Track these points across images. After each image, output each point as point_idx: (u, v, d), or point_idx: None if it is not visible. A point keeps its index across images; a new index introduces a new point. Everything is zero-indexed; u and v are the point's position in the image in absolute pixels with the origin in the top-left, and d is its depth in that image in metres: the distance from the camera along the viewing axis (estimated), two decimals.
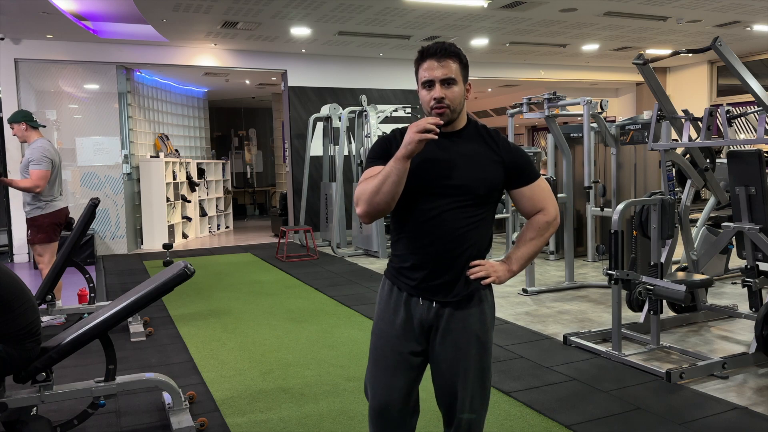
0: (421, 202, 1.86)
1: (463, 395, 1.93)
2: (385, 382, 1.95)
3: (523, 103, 6.54)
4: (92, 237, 8.46)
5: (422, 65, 1.86)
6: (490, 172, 1.90)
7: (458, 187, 1.85)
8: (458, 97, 1.85)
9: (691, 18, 8.21)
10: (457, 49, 1.86)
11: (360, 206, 1.83)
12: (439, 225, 1.86)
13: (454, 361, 1.92)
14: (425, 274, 1.89)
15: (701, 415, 3.08)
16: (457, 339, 1.91)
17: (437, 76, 1.82)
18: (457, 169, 1.86)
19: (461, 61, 1.87)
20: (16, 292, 2.61)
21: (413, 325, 1.93)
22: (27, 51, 8.52)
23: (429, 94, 1.85)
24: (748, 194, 4.12)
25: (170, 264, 3.78)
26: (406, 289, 1.93)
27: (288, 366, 3.99)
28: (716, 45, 3.84)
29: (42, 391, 2.77)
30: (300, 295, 6.10)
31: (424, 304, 1.92)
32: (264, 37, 8.76)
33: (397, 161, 1.75)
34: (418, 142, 1.72)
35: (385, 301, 1.98)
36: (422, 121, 1.73)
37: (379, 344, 1.97)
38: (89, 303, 5.07)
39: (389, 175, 1.76)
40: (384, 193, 1.77)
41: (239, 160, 15.42)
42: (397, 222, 1.94)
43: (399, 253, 1.95)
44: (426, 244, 1.88)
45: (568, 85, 12.49)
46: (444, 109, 1.83)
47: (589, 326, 4.72)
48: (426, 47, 1.86)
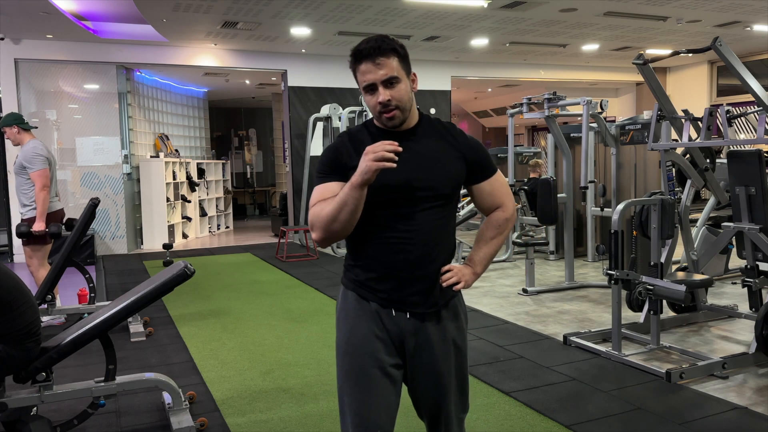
0: (385, 210, 1.72)
1: (448, 406, 1.86)
2: (366, 403, 1.76)
3: (523, 103, 6.54)
4: (92, 237, 8.47)
5: (359, 69, 1.70)
6: (453, 168, 1.78)
7: (423, 189, 1.72)
8: (405, 95, 1.72)
9: (691, 18, 8.21)
10: (392, 43, 1.70)
11: (316, 233, 1.70)
12: (408, 232, 1.72)
13: (437, 374, 1.82)
14: (396, 285, 1.75)
15: (701, 415, 3.08)
16: (438, 350, 1.81)
17: (378, 79, 1.67)
18: (419, 170, 1.73)
19: (400, 55, 1.71)
20: (16, 292, 2.61)
21: (390, 338, 1.78)
22: (27, 51, 8.52)
23: (374, 99, 1.69)
24: (748, 194, 4.12)
25: (170, 264, 3.78)
26: (376, 301, 1.77)
27: (288, 366, 3.99)
28: (716, 45, 3.84)
29: (42, 391, 2.77)
30: (300, 295, 6.10)
31: (398, 316, 1.77)
32: (264, 37, 8.76)
33: (353, 189, 1.60)
34: (375, 171, 1.58)
35: (353, 315, 1.80)
36: (378, 146, 1.58)
37: (356, 363, 1.77)
38: (89, 303, 5.07)
39: (345, 204, 1.62)
40: (341, 221, 1.65)
41: (239, 160, 15.42)
42: (359, 231, 1.74)
43: (362, 263, 1.79)
44: (394, 253, 1.72)
45: (568, 85, 12.49)
46: (393, 111, 1.70)
47: (589, 326, 4.72)
48: (358, 48, 1.70)
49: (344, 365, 1.81)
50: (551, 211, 5.88)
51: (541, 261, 7.59)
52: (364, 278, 1.78)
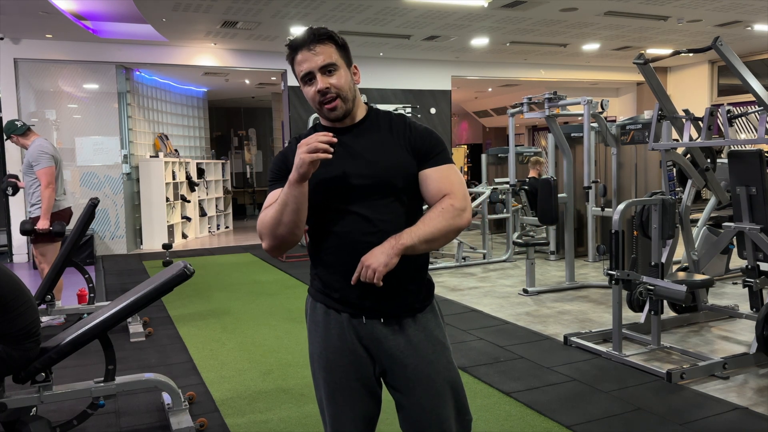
0: (338, 212, 1.64)
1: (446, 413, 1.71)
2: (346, 416, 1.71)
3: (524, 102, 6.53)
4: (92, 237, 8.46)
5: (296, 59, 1.64)
6: (402, 158, 1.67)
7: (373, 185, 1.63)
8: (346, 83, 1.64)
9: (691, 18, 8.21)
10: (329, 32, 1.64)
11: (264, 241, 1.63)
12: (367, 232, 1.62)
13: (427, 377, 1.69)
14: (362, 291, 1.63)
15: (702, 416, 3.07)
16: (424, 351, 1.69)
17: (315, 66, 1.61)
18: (368, 165, 1.64)
19: (337, 43, 1.65)
20: (15, 292, 2.61)
21: (366, 348, 1.69)
22: (26, 51, 8.51)
23: (312, 89, 1.63)
24: (748, 194, 4.12)
25: (170, 264, 3.77)
26: (345, 310, 1.68)
27: (288, 366, 3.98)
28: (717, 45, 3.83)
29: (41, 392, 2.77)
30: (300, 295, 6.09)
31: (369, 323, 1.67)
32: (264, 36, 8.75)
33: (291, 187, 1.54)
34: (310, 164, 1.51)
35: (323, 327, 1.71)
36: (312, 138, 1.51)
37: (331, 378, 1.71)
38: (89, 303, 5.06)
39: (286, 204, 1.56)
40: (285, 224, 1.57)
41: (239, 160, 15.41)
42: (316, 237, 1.69)
43: (324, 272, 1.70)
44: (351, 257, 1.60)
45: (568, 84, 12.48)
46: (335, 100, 1.62)
47: (589, 326, 4.72)
48: (293, 39, 1.65)
49: (319, 379, 1.76)
50: (552, 211, 5.88)
51: (542, 261, 7.59)
52: (329, 288, 1.70)
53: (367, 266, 1.55)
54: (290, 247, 1.64)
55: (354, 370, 1.70)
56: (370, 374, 1.72)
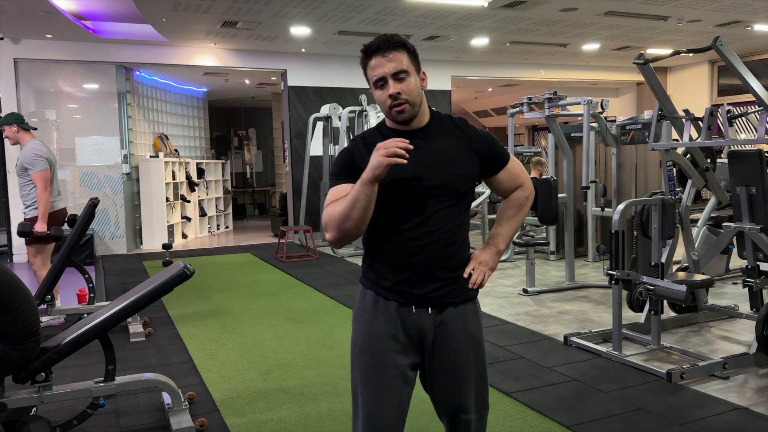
0: (400, 211, 1.74)
1: (467, 403, 1.85)
2: (379, 401, 1.79)
3: (524, 102, 6.54)
4: (92, 237, 8.46)
5: (369, 64, 1.73)
6: (467, 165, 1.79)
7: (438, 187, 1.74)
8: (415, 90, 1.73)
9: (691, 18, 8.21)
10: (402, 39, 1.75)
11: (329, 232, 1.71)
12: (423, 231, 1.73)
13: (456, 368, 1.82)
14: (416, 283, 1.77)
15: (702, 416, 3.07)
16: (457, 344, 1.81)
17: (387, 72, 1.70)
18: (433, 168, 1.74)
19: (409, 51, 1.75)
20: (15, 292, 2.61)
21: (409, 336, 1.79)
22: (26, 51, 8.51)
23: (384, 93, 1.72)
24: (748, 194, 4.12)
25: (170, 264, 3.77)
26: (395, 299, 1.79)
27: (288, 366, 3.98)
28: (717, 45, 3.83)
29: (41, 392, 2.77)
30: (300, 295, 6.09)
31: (417, 312, 1.78)
32: (264, 36, 8.75)
33: (364, 185, 1.62)
34: (386, 167, 1.60)
35: (370, 314, 1.82)
36: (390, 143, 1.60)
37: (372, 362, 1.80)
38: (88, 303, 5.07)
39: (357, 201, 1.64)
40: (353, 219, 1.66)
41: (239, 160, 15.41)
42: (375, 232, 1.78)
43: (379, 264, 1.80)
44: (411, 253, 1.74)
45: (568, 84, 12.48)
46: (403, 105, 1.71)
47: (589, 326, 4.72)
48: (368, 44, 1.73)
49: (359, 363, 1.84)
50: (552, 211, 5.88)
51: (542, 261, 7.59)
52: (384, 279, 1.80)
53: (485, 266, 1.84)
54: (353, 240, 1.74)
55: (393, 357, 1.79)
56: (408, 362, 1.81)
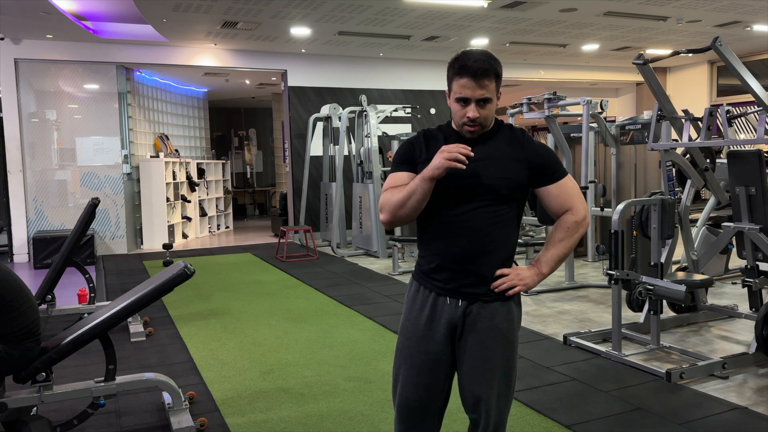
0: (445, 205, 1.87)
1: (488, 395, 1.91)
2: (410, 380, 1.94)
3: (523, 103, 6.54)
4: (92, 237, 8.46)
5: (459, 81, 1.81)
6: (512, 170, 1.88)
7: (481, 186, 1.85)
8: (491, 115, 1.86)
9: (691, 18, 8.21)
10: (497, 67, 1.83)
11: (384, 214, 1.87)
12: (463, 226, 1.86)
13: (480, 360, 1.90)
14: (451, 275, 1.89)
15: (701, 415, 3.08)
16: (483, 337, 1.90)
17: (475, 97, 1.80)
18: (482, 170, 1.85)
19: (497, 78, 1.84)
20: (15, 292, 2.61)
21: (440, 325, 1.91)
22: (27, 51, 8.52)
23: (463, 110, 1.83)
24: (748, 194, 4.12)
25: (170, 264, 3.78)
26: (434, 290, 1.93)
27: (288, 366, 3.99)
28: (716, 45, 3.83)
29: (42, 391, 2.77)
30: (300, 295, 6.10)
31: (451, 303, 1.91)
32: (264, 37, 8.76)
33: (424, 181, 1.78)
34: (446, 169, 1.75)
35: (411, 301, 1.98)
36: (453, 147, 1.75)
37: (406, 344, 1.96)
38: (89, 303, 5.07)
39: (414, 193, 1.80)
40: (408, 208, 1.82)
41: (239, 160, 15.41)
42: (423, 224, 1.94)
43: (424, 254, 1.96)
44: (450, 245, 1.88)
45: (568, 85, 12.48)
46: (476, 127, 1.85)
47: (589, 326, 4.72)
48: (465, 62, 1.80)
49: (398, 345, 2.00)
50: None
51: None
52: (426, 269, 1.94)
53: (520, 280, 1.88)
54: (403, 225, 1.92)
55: (427, 343, 1.92)
56: (441, 350, 1.92)
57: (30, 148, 8.68)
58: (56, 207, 8.85)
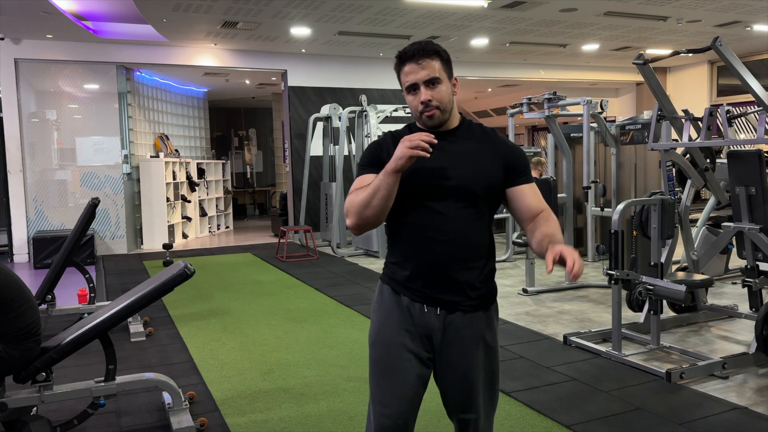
0: (418, 207, 1.78)
1: (475, 405, 1.86)
2: (397, 393, 1.83)
3: (524, 103, 6.54)
4: (92, 237, 8.46)
5: (403, 69, 1.79)
6: (488, 169, 1.81)
7: (456, 187, 1.77)
8: (446, 96, 1.78)
9: (691, 18, 8.21)
10: (436, 47, 1.78)
11: (350, 218, 1.77)
12: (439, 229, 1.77)
13: (465, 369, 1.84)
14: (428, 282, 1.80)
15: (701, 415, 3.08)
16: (466, 346, 1.83)
17: (420, 79, 1.75)
18: (454, 168, 1.78)
19: (442, 58, 1.78)
20: (15, 292, 2.61)
21: (419, 333, 1.83)
22: (27, 51, 8.52)
23: (416, 99, 1.78)
24: (748, 194, 4.12)
25: (170, 264, 3.78)
26: (409, 296, 1.83)
27: (288, 366, 3.99)
28: (716, 45, 3.84)
29: (42, 391, 2.77)
30: (300, 295, 6.10)
31: (429, 311, 1.82)
32: (264, 37, 8.76)
33: (387, 175, 1.69)
34: (409, 158, 1.65)
35: (387, 309, 1.87)
36: (416, 136, 1.66)
37: (386, 354, 1.84)
38: (89, 303, 5.07)
39: (378, 189, 1.70)
40: (374, 206, 1.71)
41: (239, 160, 15.41)
42: (394, 228, 1.85)
43: (397, 260, 1.86)
44: (426, 251, 1.79)
45: (568, 85, 12.48)
46: (433, 111, 1.77)
47: (589, 326, 4.72)
48: (403, 50, 1.79)
49: (374, 354, 1.88)
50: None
51: (541, 261, 7.56)
52: (399, 275, 1.85)
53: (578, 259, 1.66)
54: (371, 229, 1.78)
55: (406, 350, 1.83)
56: (420, 357, 1.84)
57: (30, 148, 8.68)
58: (56, 207, 8.85)
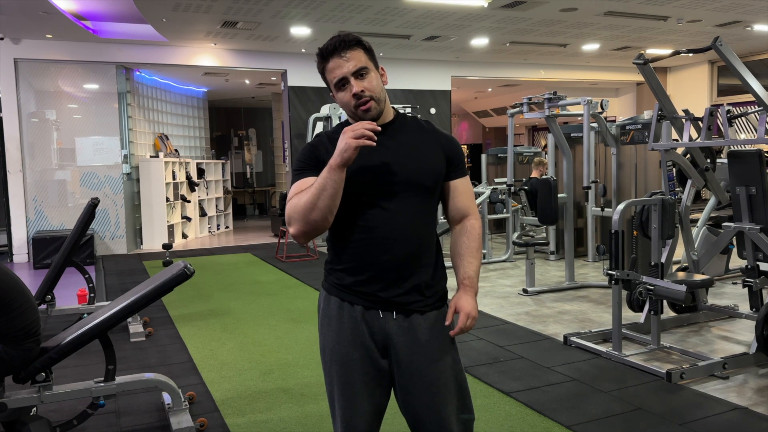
0: (367, 206, 1.68)
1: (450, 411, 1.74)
2: (355, 409, 1.73)
3: (524, 102, 6.54)
4: (92, 237, 8.46)
5: (327, 66, 1.69)
6: (433, 159, 1.74)
7: (403, 182, 1.69)
8: (378, 86, 1.69)
9: (691, 18, 8.21)
10: (356, 37, 1.70)
11: (294, 226, 1.64)
12: (393, 228, 1.68)
13: (434, 376, 1.72)
14: (382, 286, 1.69)
15: (702, 416, 3.07)
16: (430, 350, 1.73)
17: (348, 71, 1.66)
18: (398, 162, 1.69)
19: (365, 48, 1.70)
20: (15, 292, 2.61)
21: (375, 342, 1.72)
22: (27, 51, 8.52)
23: (347, 93, 1.67)
24: (748, 194, 4.12)
25: (170, 264, 3.77)
26: (362, 303, 1.72)
27: (288, 366, 3.99)
28: (717, 45, 3.83)
29: (42, 392, 2.77)
30: (300, 295, 6.10)
31: (384, 317, 1.72)
32: (264, 36, 8.75)
33: (332, 171, 1.57)
34: (355, 149, 1.55)
35: (337, 320, 1.74)
36: (358, 125, 1.57)
37: (343, 371, 1.73)
38: (89, 303, 5.06)
39: (324, 188, 1.58)
40: (320, 208, 1.59)
41: (239, 160, 15.41)
42: (340, 231, 1.72)
43: (346, 265, 1.73)
44: (379, 253, 1.68)
45: (568, 85, 12.48)
46: (369, 102, 1.67)
47: (589, 326, 4.72)
48: (324, 46, 1.69)
49: (330, 373, 1.77)
50: (551, 211, 5.88)
51: (542, 261, 7.59)
52: (350, 281, 1.72)
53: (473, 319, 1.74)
54: (318, 235, 1.67)
55: (366, 364, 1.73)
56: (380, 368, 1.75)
57: (30, 148, 8.68)
58: (56, 207, 8.85)
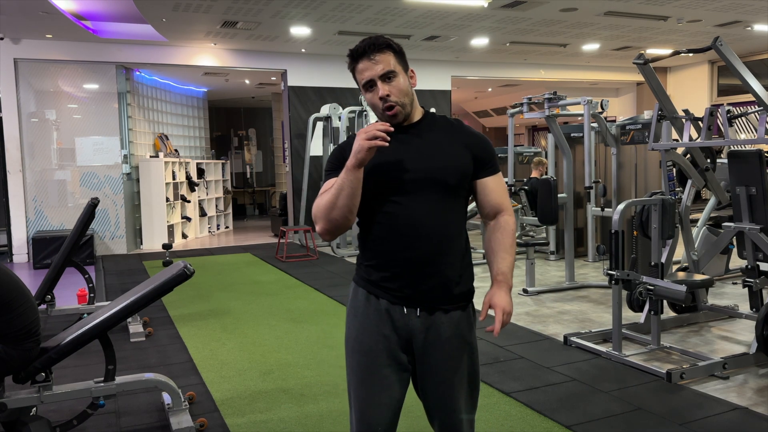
0: (389, 204, 1.73)
1: (459, 404, 1.82)
2: (374, 401, 1.78)
3: (524, 102, 6.54)
4: (92, 237, 8.46)
5: (357, 68, 1.75)
6: (459, 158, 1.77)
7: (426, 180, 1.72)
8: (404, 89, 1.74)
9: (691, 18, 8.21)
10: (388, 40, 1.74)
11: (319, 224, 1.73)
12: (415, 226, 1.72)
13: (448, 372, 1.79)
14: (406, 282, 1.74)
15: (702, 416, 3.07)
16: (449, 348, 1.78)
17: (375, 74, 1.71)
18: (422, 161, 1.73)
19: (395, 51, 1.75)
20: (15, 292, 2.61)
21: (398, 336, 1.78)
22: (26, 51, 8.51)
23: (374, 96, 1.73)
24: (748, 194, 4.12)
25: (170, 264, 3.77)
26: (387, 298, 1.77)
27: (288, 366, 3.99)
28: (717, 45, 3.83)
29: (41, 392, 2.76)
30: (300, 295, 6.09)
31: (408, 313, 1.76)
32: (264, 36, 8.75)
33: (348, 172, 1.64)
34: (368, 150, 1.61)
35: (363, 313, 1.81)
36: (371, 126, 1.62)
37: (364, 361, 1.79)
38: (88, 303, 5.06)
39: (342, 188, 1.65)
40: (340, 207, 1.67)
41: (239, 160, 15.41)
42: (367, 228, 1.78)
43: (372, 261, 1.79)
44: (401, 249, 1.73)
45: (568, 84, 12.48)
46: (395, 108, 1.73)
47: (589, 326, 4.72)
48: (354, 48, 1.75)
49: (352, 363, 1.84)
50: (552, 211, 5.88)
51: (542, 261, 7.59)
52: (376, 276, 1.78)
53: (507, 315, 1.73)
54: (342, 232, 1.73)
55: (386, 356, 1.78)
56: (401, 362, 1.79)
57: (29, 148, 8.68)
58: (56, 207, 8.85)
